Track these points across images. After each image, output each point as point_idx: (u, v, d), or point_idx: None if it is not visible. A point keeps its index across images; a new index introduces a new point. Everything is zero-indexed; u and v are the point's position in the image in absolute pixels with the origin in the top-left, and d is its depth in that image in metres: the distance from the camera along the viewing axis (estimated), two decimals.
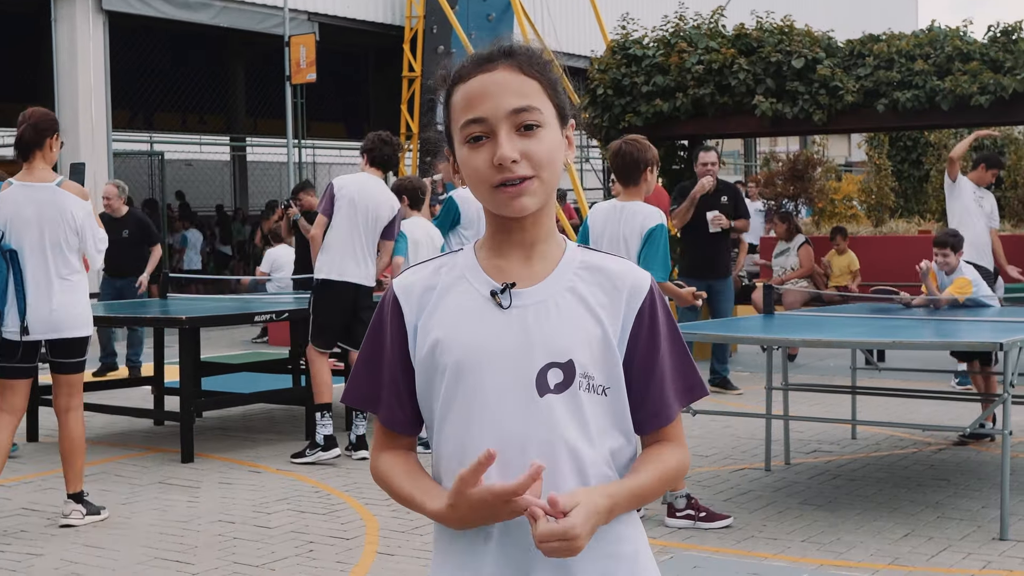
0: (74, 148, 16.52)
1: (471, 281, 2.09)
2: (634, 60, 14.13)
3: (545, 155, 2.03)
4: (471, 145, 2.03)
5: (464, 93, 2.05)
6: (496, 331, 2.04)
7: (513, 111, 2.01)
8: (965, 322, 7.47)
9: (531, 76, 2.05)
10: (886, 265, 15.22)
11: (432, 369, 2.08)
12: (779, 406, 8.03)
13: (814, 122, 13.27)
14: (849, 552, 5.87)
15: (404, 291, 2.13)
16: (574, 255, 2.12)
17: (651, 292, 2.11)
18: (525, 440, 2.00)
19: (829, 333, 6.98)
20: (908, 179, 23.18)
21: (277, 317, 9.51)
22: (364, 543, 6.16)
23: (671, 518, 6.41)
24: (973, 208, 11.16)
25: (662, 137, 14.22)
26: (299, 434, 9.16)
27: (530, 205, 2.03)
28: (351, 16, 21.02)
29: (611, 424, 2.08)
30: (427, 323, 2.09)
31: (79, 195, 6.75)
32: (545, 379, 2.02)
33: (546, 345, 2.03)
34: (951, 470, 7.69)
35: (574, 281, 2.08)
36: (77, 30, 16.59)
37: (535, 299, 2.06)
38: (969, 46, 12.52)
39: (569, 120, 2.12)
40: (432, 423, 2.11)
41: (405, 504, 2.11)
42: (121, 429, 9.70)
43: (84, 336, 6.75)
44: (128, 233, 11.85)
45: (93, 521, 6.63)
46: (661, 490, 2.13)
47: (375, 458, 2.18)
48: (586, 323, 2.06)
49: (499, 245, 2.11)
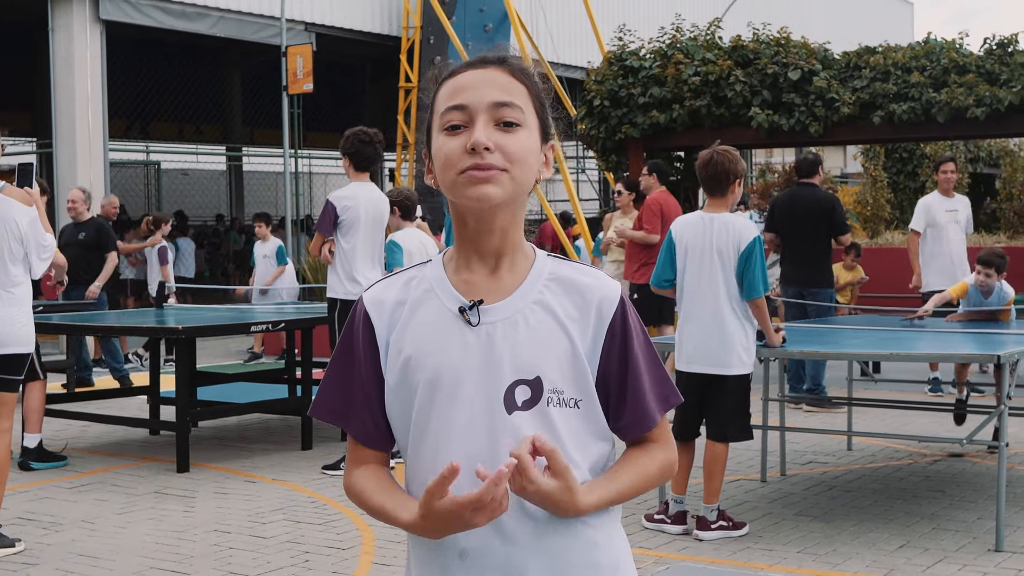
0: (71, 157, 16.54)
1: (440, 296, 2.06)
2: (631, 71, 14.17)
3: (519, 152, 2.00)
4: (448, 132, 2.00)
5: (451, 84, 2.04)
6: (465, 349, 2.02)
7: (495, 103, 1.99)
8: (961, 334, 7.48)
9: (520, 81, 2.04)
10: (881, 277, 15.23)
11: (404, 387, 2.06)
12: (775, 417, 8.04)
13: (810, 134, 13.31)
14: (845, 563, 5.87)
15: (376, 306, 2.10)
16: (543, 266, 2.09)
17: (621, 303, 2.09)
18: (495, 458, 1.98)
19: (826, 345, 6.99)
20: (904, 191, 23.24)
21: (273, 327, 9.50)
22: (360, 553, 6.15)
23: (704, 531, 6.32)
24: (947, 226, 10.93)
25: (658, 148, 14.26)
26: (295, 444, 9.15)
27: (494, 194, 1.98)
28: (348, 26, 21.06)
29: (589, 433, 2.06)
30: (399, 339, 2.07)
31: (22, 201, 6.41)
32: (513, 396, 2.01)
33: (514, 362, 2.01)
34: (947, 481, 7.69)
35: (543, 293, 2.06)
36: (74, 39, 16.60)
37: (503, 315, 2.03)
38: (965, 58, 12.57)
39: (550, 139, 2.10)
40: (405, 440, 2.09)
41: (379, 517, 2.10)
42: (117, 439, 9.69)
43: (22, 353, 6.35)
44: (84, 236, 11.81)
45: (6, 554, 6.15)
46: (639, 490, 2.11)
47: (348, 473, 2.16)
48: (555, 337, 2.04)
49: (466, 257, 2.08)
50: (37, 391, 8.38)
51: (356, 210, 8.27)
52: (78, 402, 10.04)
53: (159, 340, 10.09)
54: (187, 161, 28.26)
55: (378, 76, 25.87)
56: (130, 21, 17.44)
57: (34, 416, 8.38)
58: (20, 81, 23.18)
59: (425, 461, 2.05)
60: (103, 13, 16.85)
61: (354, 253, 8.28)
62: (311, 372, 9.35)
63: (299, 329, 9.64)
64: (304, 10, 20.09)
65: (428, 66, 20.62)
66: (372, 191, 8.43)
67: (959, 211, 11.02)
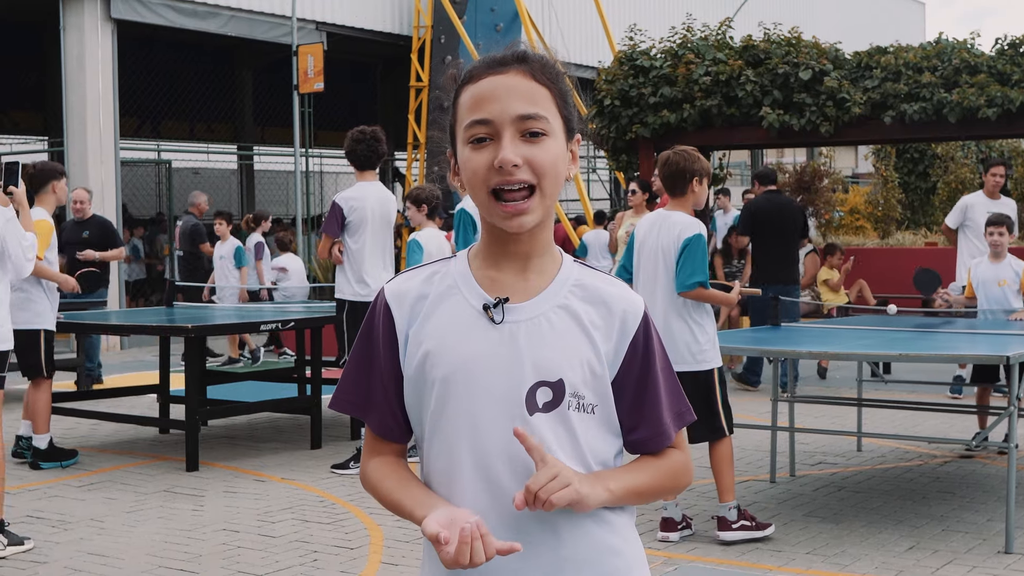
0: (81, 156, 16.57)
1: (463, 292, 2.06)
2: (641, 71, 14.15)
3: (548, 164, 1.99)
4: (474, 146, 1.99)
5: (472, 93, 2.01)
6: (487, 347, 2.01)
7: (520, 116, 1.98)
8: (971, 335, 7.45)
9: (542, 83, 2.02)
10: (893, 277, 15.22)
11: (422, 381, 2.05)
12: (785, 418, 8.02)
13: (821, 134, 13.29)
14: (854, 564, 5.85)
15: (397, 298, 2.09)
16: (570, 272, 2.09)
17: (645, 318, 2.09)
18: (513, 459, 1.98)
19: (835, 345, 6.97)
20: (915, 191, 23.19)
21: (283, 326, 9.51)
22: (368, 552, 6.15)
23: (726, 531, 6.25)
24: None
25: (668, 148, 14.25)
26: (304, 443, 9.16)
27: (528, 223, 2.00)
28: (359, 26, 21.06)
29: (602, 442, 2.06)
30: (419, 333, 2.06)
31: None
32: (534, 398, 2.00)
33: (536, 363, 2.00)
34: (956, 483, 7.67)
35: (568, 299, 2.05)
36: (86, 38, 16.63)
37: (528, 315, 2.03)
38: (977, 59, 12.53)
39: (575, 134, 2.09)
40: (421, 435, 2.09)
41: (394, 511, 2.10)
42: (127, 437, 9.70)
43: (2, 351, 6.37)
44: (88, 235, 11.82)
45: (15, 552, 6.20)
46: (663, 485, 2.11)
47: (365, 464, 2.16)
48: (578, 342, 2.03)
49: (494, 256, 2.07)
50: (44, 391, 8.38)
51: (363, 210, 8.25)
52: (88, 400, 10.07)
53: (169, 339, 10.07)
54: (198, 160, 28.28)
55: (389, 75, 25.86)
56: (141, 20, 17.46)
57: (42, 416, 8.38)
58: (31, 80, 23.22)
59: (438, 456, 2.05)
60: (114, 12, 16.88)
61: (362, 254, 8.25)
62: (320, 371, 9.35)
63: (309, 328, 9.65)
64: (315, 9, 20.10)
65: (439, 65, 20.64)
66: (380, 190, 8.41)
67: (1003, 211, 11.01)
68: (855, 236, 19.81)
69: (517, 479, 1.97)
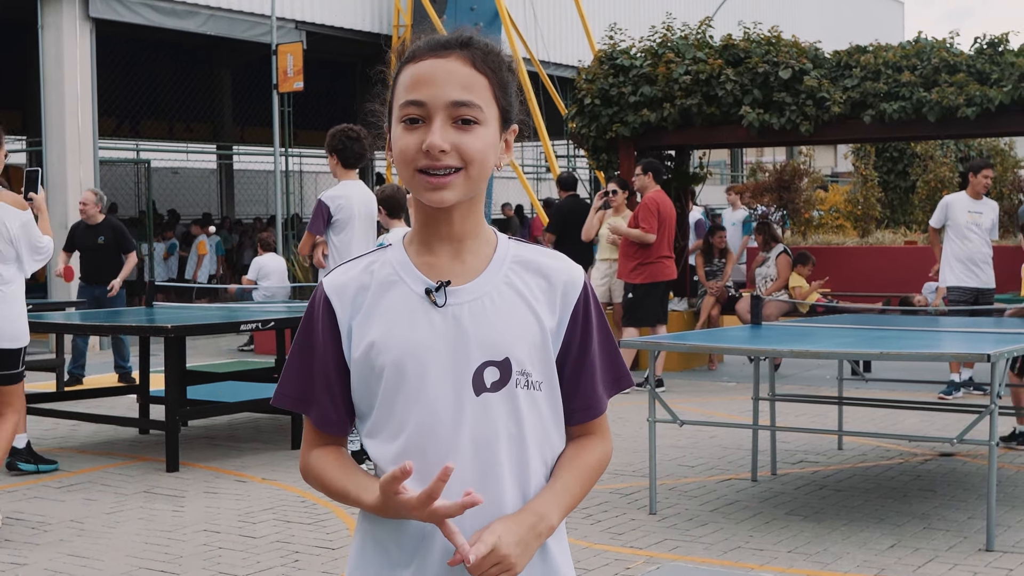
0: (60, 155, 16.48)
1: (405, 280, 2.07)
2: (621, 70, 14.14)
3: (476, 152, 2.00)
4: (406, 126, 2.02)
5: (412, 73, 2.04)
6: (432, 330, 2.03)
7: (453, 103, 1.99)
8: (952, 332, 7.48)
9: (481, 71, 2.03)
10: (872, 276, 15.26)
11: (368, 370, 2.06)
12: (766, 416, 8.04)
13: (801, 133, 13.30)
14: (835, 563, 5.86)
15: (337, 291, 2.10)
16: (507, 249, 2.11)
17: (585, 287, 2.12)
18: (463, 440, 2.00)
19: (816, 344, 6.98)
20: (894, 190, 23.26)
21: (263, 326, 9.47)
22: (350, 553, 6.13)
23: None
24: (968, 227, 10.93)
25: (649, 147, 14.25)
26: (285, 443, 9.13)
27: (449, 198, 2.01)
28: (338, 25, 21.02)
29: (549, 419, 2.09)
30: (363, 324, 2.06)
31: (15, 205, 6.75)
32: (482, 377, 2.02)
33: (482, 343, 2.02)
34: (937, 481, 7.70)
35: (510, 276, 2.07)
36: (64, 37, 16.54)
37: (470, 296, 2.04)
38: (956, 58, 12.56)
39: (512, 124, 2.10)
40: (370, 425, 2.09)
41: (339, 499, 2.10)
42: (106, 438, 9.66)
43: (16, 348, 6.76)
44: (104, 240, 11.85)
45: None
46: (587, 492, 2.14)
47: (305, 455, 2.16)
48: (523, 318, 2.05)
49: (427, 240, 2.09)
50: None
51: (350, 208, 8.25)
52: (67, 401, 10.01)
53: (148, 339, 10.02)
54: (177, 160, 28.19)
55: (368, 74, 25.82)
56: (120, 19, 17.37)
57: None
58: (9, 79, 23.11)
59: (391, 443, 2.05)
60: (93, 11, 16.79)
61: (348, 251, 8.25)
62: None
63: (289, 328, 9.62)
64: (294, 8, 20.05)
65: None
66: (363, 189, 8.42)
67: (984, 214, 11.01)
68: (835, 235, 19.85)
69: (466, 461, 1.99)
